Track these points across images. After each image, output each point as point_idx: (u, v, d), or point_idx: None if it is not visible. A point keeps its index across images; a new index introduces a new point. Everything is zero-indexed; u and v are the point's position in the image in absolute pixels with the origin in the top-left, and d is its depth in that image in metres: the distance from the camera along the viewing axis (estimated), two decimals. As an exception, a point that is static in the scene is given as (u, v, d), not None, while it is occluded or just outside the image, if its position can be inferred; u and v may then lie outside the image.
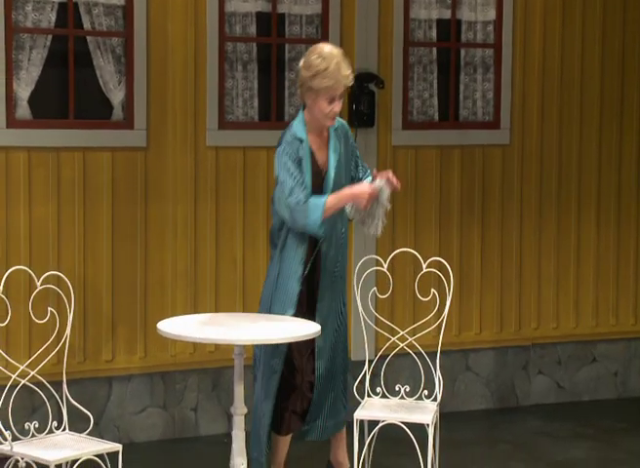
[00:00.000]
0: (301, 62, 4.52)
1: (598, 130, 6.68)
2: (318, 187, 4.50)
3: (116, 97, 5.68)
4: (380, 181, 4.49)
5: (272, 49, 6.01)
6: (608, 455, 5.66)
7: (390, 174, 4.51)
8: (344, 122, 4.67)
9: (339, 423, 4.72)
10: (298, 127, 4.50)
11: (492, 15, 6.45)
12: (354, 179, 4.66)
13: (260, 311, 4.66)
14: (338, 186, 4.52)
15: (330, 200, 4.41)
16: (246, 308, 5.86)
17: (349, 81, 4.46)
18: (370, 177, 4.68)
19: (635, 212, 6.78)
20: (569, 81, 6.60)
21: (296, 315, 4.51)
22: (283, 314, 4.51)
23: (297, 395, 4.58)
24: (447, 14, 6.38)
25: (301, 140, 4.47)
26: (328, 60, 4.41)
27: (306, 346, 4.55)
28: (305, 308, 4.57)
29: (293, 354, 4.55)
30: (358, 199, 4.44)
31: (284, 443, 4.65)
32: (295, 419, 4.61)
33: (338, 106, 4.44)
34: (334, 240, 4.57)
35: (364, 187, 4.46)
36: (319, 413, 4.68)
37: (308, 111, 4.52)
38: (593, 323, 6.72)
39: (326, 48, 4.50)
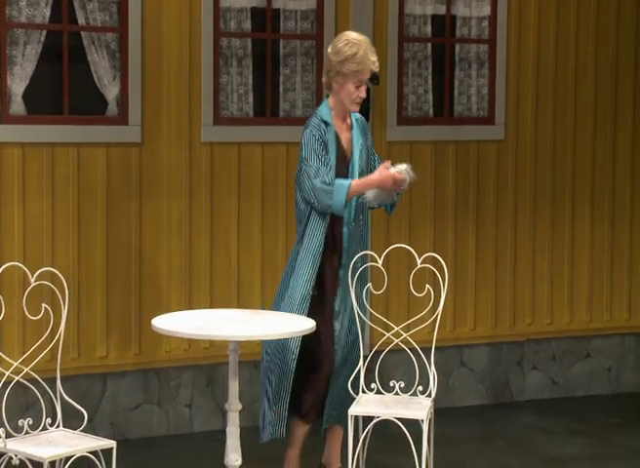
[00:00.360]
0: (330, 49, 4.73)
1: (592, 125, 6.68)
2: (343, 170, 4.70)
3: (111, 92, 5.67)
4: (401, 166, 4.65)
5: (267, 44, 6.00)
6: (602, 451, 5.67)
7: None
8: (364, 119, 4.88)
9: (341, 415, 4.75)
10: (323, 111, 4.71)
11: (486, 10, 6.44)
12: (371, 172, 4.81)
13: (281, 282, 4.79)
14: (361, 171, 4.74)
15: (355, 182, 4.63)
16: (241, 304, 5.86)
17: (375, 67, 4.69)
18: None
19: (629, 208, 6.79)
20: (563, 77, 6.60)
21: (314, 293, 4.65)
22: (301, 288, 4.62)
23: (317, 377, 4.67)
24: (442, 9, 6.37)
25: (327, 124, 4.68)
26: (357, 46, 4.64)
27: (325, 332, 4.64)
28: (326, 290, 4.69)
29: (312, 340, 4.61)
30: (383, 183, 4.62)
31: (303, 429, 4.74)
32: (317, 402, 4.69)
33: (363, 92, 4.68)
34: (354, 228, 4.74)
35: (387, 172, 4.63)
36: (329, 399, 4.75)
37: (334, 96, 4.73)
38: (587, 318, 6.73)
39: (353, 34, 4.73)
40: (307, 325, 4.34)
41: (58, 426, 4.25)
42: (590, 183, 6.70)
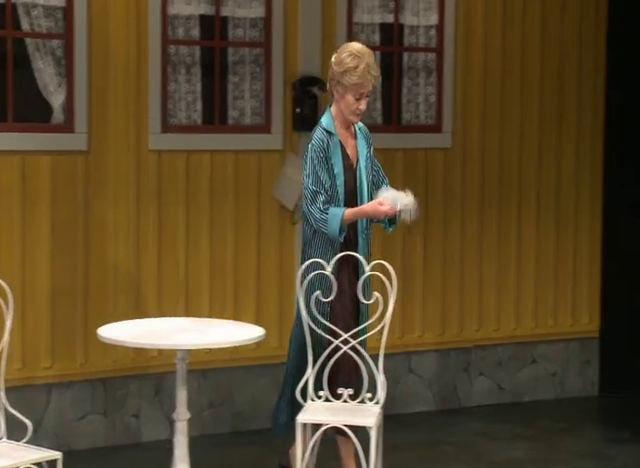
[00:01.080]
0: (333, 58, 4.73)
1: (538, 132, 6.76)
2: (351, 178, 4.73)
3: (56, 99, 5.62)
4: (402, 202, 4.63)
5: (215, 52, 5.99)
6: (547, 456, 5.73)
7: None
8: (363, 125, 4.88)
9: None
10: (326, 121, 4.73)
11: (434, 19, 6.49)
12: (374, 183, 4.85)
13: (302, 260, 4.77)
14: (368, 182, 4.79)
15: (348, 212, 4.64)
16: (189, 312, 5.82)
17: (376, 81, 4.71)
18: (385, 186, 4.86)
19: (573, 214, 6.87)
20: (509, 84, 6.66)
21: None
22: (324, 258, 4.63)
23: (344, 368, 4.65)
24: (389, 18, 6.41)
25: (331, 133, 4.70)
26: (358, 59, 4.64)
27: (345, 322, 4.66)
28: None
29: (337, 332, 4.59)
30: (375, 215, 4.69)
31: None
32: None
33: (363, 104, 4.69)
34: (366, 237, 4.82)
35: (383, 209, 4.63)
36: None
37: (336, 105, 4.75)
38: (533, 324, 6.80)
39: (357, 46, 4.73)
40: (256, 333, 4.32)
41: (1, 438, 4.19)
42: (536, 191, 6.78)
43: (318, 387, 4.64)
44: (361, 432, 4.48)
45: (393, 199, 4.65)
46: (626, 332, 6.86)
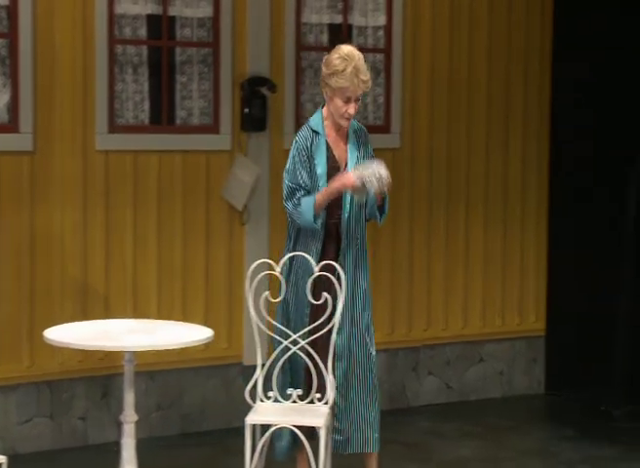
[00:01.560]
0: (324, 59, 4.66)
1: (485, 133, 6.82)
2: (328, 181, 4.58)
3: (1, 99, 5.54)
4: (370, 177, 4.46)
5: (163, 52, 5.95)
6: (495, 453, 5.78)
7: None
8: (365, 129, 4.78)
9: (367, 441, 4.64)
10: (315, 120, 4.64)
11: (382, 20, 6.52)
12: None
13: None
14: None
15: (318, 197, 4.54)
16: (137, 314, 5.78)
17: (366, 87, 4.58)
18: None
19: (520, 215, 6.94)
20: (457, 85, 6.71)
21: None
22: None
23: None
24: (338, 18, 6.42)
25: (317, 133, 4.60)
26: (346, 63, 4.53)
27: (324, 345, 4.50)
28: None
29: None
30: (346, 187, 4.54)
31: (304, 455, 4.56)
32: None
33: (352, 108, 4.57)
34: (353, 220, 4.65)
35: (348, 179, 4.52)
36: (345, 421, 4.64)
37: (327, 106, 4.66)
38: (480, 324, 6.85)
39: (347, 49, 4.61)
40: (205, 334, 4.31)
41: (-55, 442, 4.13)
42: (483, 192, 6.83)
43: (268, 387, 4.64)
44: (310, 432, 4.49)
45: (361, 170, 4.50)
46: (571, 331, 6.95)
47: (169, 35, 5.97)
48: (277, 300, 4.75)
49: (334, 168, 4.62)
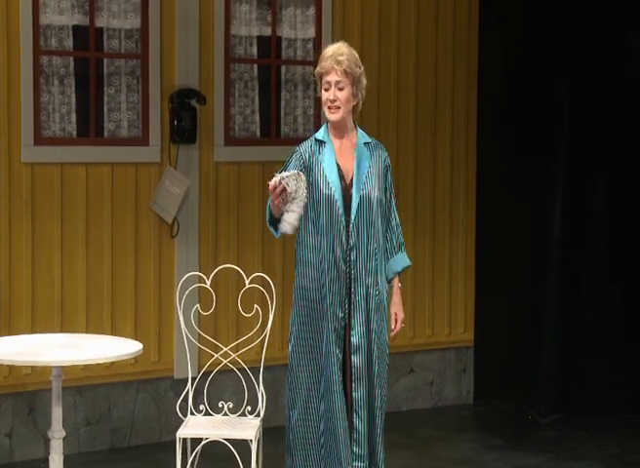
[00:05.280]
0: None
1: (414, 144, 6.88)
2: (346, 194, 4.28)
3: None
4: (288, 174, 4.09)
5: (90, 63, 5.90)
6: (426, 463, 5.82)
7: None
8: (387, 156, 4.45)
9: (380, 461, 4.34)
10: (320, 132, 4.37)
11: (311, 32, 6.55)
12: (383, 215, 4.40)
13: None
14: (369, 203, 4.29)
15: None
16: (65, 328, 5.70)
17: (344, 67, 4.24)
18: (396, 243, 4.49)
19: (449, 223, 7.01)
20: (385, 97, 6.77)
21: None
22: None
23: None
24: (267, 31, 6.43)
25: (323, 142, 4.32)
26: (329, 48, 4.33)
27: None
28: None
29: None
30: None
31: None
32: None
33: (331, 94, 4.25)
34: (363, 257, 4.29)
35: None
36: (366, 447, 4.30)
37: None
38: (410, 334, 6.90)
39: (338, 43, 4.38)
40: (134, 348, 4.26)
41: None
42: (412, 203, 6.89)
43: (199, 401, 4.61)
44: (241, 445, 4.47)
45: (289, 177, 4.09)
46: (499, 341, 7.03)
47: (96, 46, 5.92)
48: (207, 313, 4.73)
49: (340, 176, 4.30)
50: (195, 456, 4.56)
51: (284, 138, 6.51)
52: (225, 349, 4.75)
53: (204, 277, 4.75)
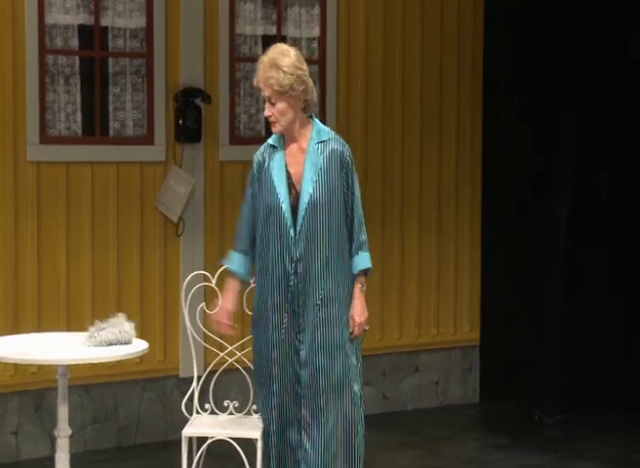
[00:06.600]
0: None
1: (419, 143, 6.88)
2: (295, 203, 4.10)
3: None
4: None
5: (95, 62, 5.90)
6: (431, 463, 5.81)
7: None
8: (344, 151, 4.13)
9: None
10: (274, 135, 4.17)
11: (316, 31, 6.55)
12: (347, 220, 4.18)
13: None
14: (318, 208, 4.07)
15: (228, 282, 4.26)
16: (71, 327, 5.70)
17: (265, 84, 4.04)
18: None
19: (454, 223, 7.01)
20: (390, 95, 6.77)
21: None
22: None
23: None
24: (272, 30, 6.44)
25: (275, 147, 4.13)
26: (262, 58, 4.11)
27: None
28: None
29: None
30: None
31: None
32: None
33: (266, 109, 4.07)
34: (310, 263, 4.11)
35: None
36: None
37: None
38: (416, 333, 6.90)
39: (278, 47, 4.15)
40: (140, 347, 4.27)
41: None
42: (418, 201, 6.89)
43: (204, 399, 4.61)
44: (247, 444, 4.47)
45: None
46: (505, 341, 7.02)
47: (101, 46, 5.92)
48: (213, 312, 4.73)
49: (289, 185, 4.10)
50: (201, 455, 4.56)
51: (289, 137, 6.50)
52: (231, 348, 4.76)
53: (209, 276, 4.75)
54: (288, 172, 4.12)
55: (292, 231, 4.10)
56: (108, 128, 5.98)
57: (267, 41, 6.43)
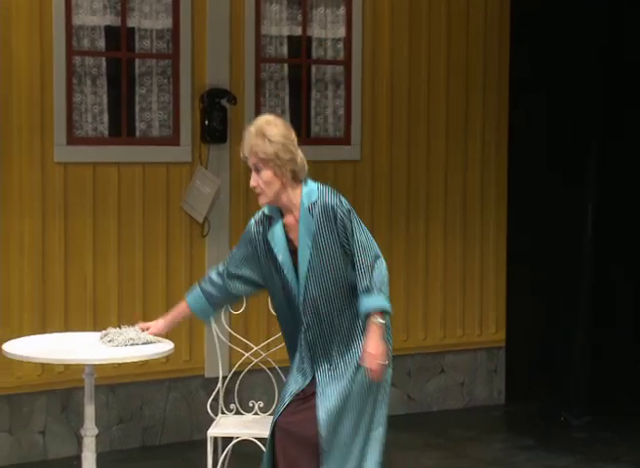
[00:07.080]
0: None
1: (445, 145, 6.86)
2: (295, 267, 3.99)
3: (-43, 110, 5.49)
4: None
5: (122, 63, 5.93)
6: (457, 464, 5.80)
7: None
8: (335, 204, 3.97)
9: None
10: (270, 206, 4.03)
11: (341, 32, 6.55)
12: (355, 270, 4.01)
13: None
14: (318, 270, 3.93)
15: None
16: (97, 327, 5.73)
17: (254, 151, 3.92)
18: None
19: (479, 225, 6.99)
20: (416, 96, 6.75)
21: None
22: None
23: None
24: (298, 30, 6.44)
25: (271, 217, 4.00)
26: (249, 128, 3.99)
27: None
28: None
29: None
30: None
31: None
32: None
33: (253, 180, 3.95)
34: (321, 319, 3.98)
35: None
36: None
37: None
38: (441, 335, 6.88)
39: (263, 118, 4.05)
40: (165, 347, 4.29)
41: None
42: (443, 203, 6.87)
43: (230, 400, 4.62)
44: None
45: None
46: (531, 342, 7.00)
47: (128, 47, 5.95)
48: (238, 312, 4.74)
49: (292, 251, 3.98)
50: (226, 455, 4.57)
51: (314, 138, 6.51)
52: (256, 348, 4.77)
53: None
54: (289, 240, 4.00)
55: (298, 300, 3.98)
56: (135, 128, 6.01)
57: (293, 42, 6.45)
